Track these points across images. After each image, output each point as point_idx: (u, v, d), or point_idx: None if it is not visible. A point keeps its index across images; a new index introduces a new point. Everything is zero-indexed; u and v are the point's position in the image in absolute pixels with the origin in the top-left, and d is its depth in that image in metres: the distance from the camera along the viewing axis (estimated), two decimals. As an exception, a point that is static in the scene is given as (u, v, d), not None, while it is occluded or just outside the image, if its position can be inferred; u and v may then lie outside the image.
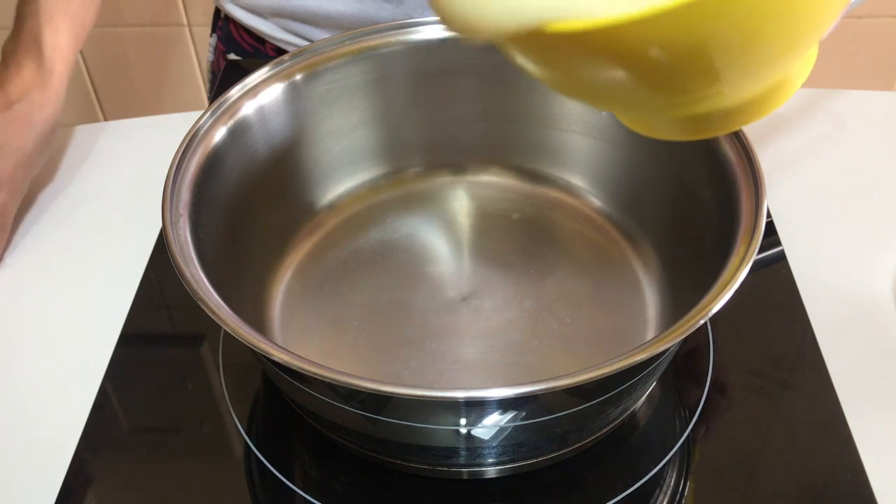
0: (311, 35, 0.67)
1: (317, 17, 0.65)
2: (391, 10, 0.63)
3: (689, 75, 0.28)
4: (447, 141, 0.53)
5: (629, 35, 0.25)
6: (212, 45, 0.77)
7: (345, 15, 0.64)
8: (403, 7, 0.63)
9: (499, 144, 0.53)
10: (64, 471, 0.41)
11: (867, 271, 0.51)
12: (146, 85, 1.24)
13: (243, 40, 0.72)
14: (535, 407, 0.34)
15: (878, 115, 0.64)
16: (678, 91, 0.29)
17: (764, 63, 0.29)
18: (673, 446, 0.41)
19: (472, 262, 0.49)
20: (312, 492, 0.40)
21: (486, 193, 0.53)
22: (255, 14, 0.69)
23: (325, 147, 0.50)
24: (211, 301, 0.34)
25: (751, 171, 0.39)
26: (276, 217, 0.49)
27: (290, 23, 0.67)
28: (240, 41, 0.72)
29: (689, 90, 0.29)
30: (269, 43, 0.70)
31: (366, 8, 0.63)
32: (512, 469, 0.39)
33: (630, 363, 0.31)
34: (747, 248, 0.35)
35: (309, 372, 0.31)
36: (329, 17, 0.64)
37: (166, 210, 0.38)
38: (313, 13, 0.65)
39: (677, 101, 0.30)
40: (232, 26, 0.73)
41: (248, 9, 0.69)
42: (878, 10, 1.04)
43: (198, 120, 0.42)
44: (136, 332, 0.48)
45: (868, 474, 0.40)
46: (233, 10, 0.70)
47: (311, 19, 0.65)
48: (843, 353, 0.45)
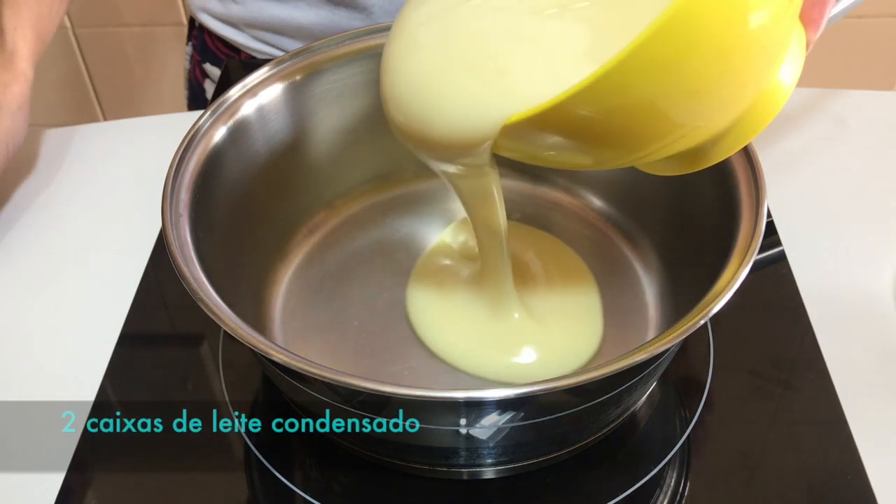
0: (284, 45, 0.67)
1: (290, 27, 0.65)
2: (363, 20, 0.64)
3: (649, 127, 0.29)
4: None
5: (569, 109, 0.28)
6: (188, 54, 0.77)
7: (317, 25, 0.64)
8: (373, 17, 0.64)
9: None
10: (64, 471, 0.41)
11: (867, 271, 0.51)
12: (146, 85, 1.24)
13: (218, 50, 0.72)
14: (535, 407, 0.34)
15: (879, 115, 0.64)
16: (651, 140, 0.30)
17: (713, 105, 0.29)
18: (673, 446, 0.41)
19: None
20: (312, 492, 0.40)
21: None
22: (228, 24, 0.69)
23: (324, 147, 0.50)
24: (211, 301, 0.34)
25: (751, 171, 0.39)
26: (276, 217, 0.49)
27: (264, 33, 0.67)
28: (215, 51, 0.73)
29: (659, 138, 0.30)
30: (244, 52, 0.70)
31: (338, 18, 0.64)
32: (512, 469, 0.39)
33: (630, 363, 0.31)
34: (747, 248, 0.35)
35: (309, 372, 0.31)
36: (301, 27, 0.65)
37: (166, 210, 0.38)
38: (286, 24, 0.65)
39: (658, 146, 0.31)
40: (206, 36, 0.73)
41: (221, 19, 0.69)
42: (878, 10, 1.04)
43: (198, 120, 0.42)
44: (136, 332, 0.48)
45: (868, 474, 0.40)
46: (207, 20, 0.70)
47: (285, 30, 0.66)
48: (843, 353, 0.45)
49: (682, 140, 0.30)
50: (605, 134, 0.30)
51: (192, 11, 0.73)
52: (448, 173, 0.38)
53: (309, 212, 0.51)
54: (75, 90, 1.23)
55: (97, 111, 1.27)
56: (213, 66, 0.73)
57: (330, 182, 0.52)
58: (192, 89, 0.78)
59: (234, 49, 0.71)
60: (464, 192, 0.40)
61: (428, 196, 0.53)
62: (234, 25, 0.69)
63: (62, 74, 1.21)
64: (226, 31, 0.69)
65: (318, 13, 0.64)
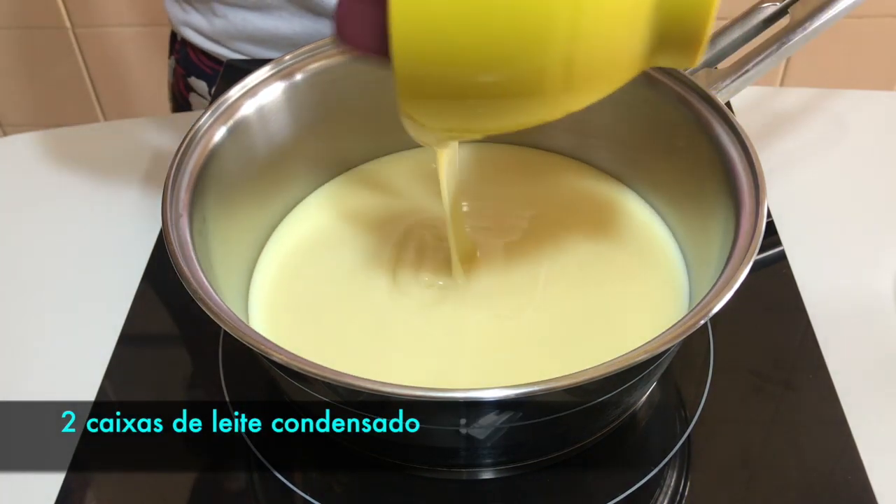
0: (267, 57, 0.67)
1: (274, 38, 0.66)
2: None
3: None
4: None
5: None
6: (170, 68, 0.77)
7: (301, 35, 0.64)
8: None
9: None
10: (64, 471, 0.41)
11: (868, 271, 0.51)
12: (146, 85, 1.24)
13: (202, 63, 0.72)
14: (535, 407, 0.34)
15: (879, 115, 0.64)
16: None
17: None
18: (673, 446, 0.41)
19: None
20: (312, 492, 0.40)
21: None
22: (211, 39, 0.69)
23: (324, 146, 0.50)
24: (211, 301, 0.34)
25: (751, 171, 0.39)
26: (276, 216, 0.49)
27: (247, 46, 0.67)
28: (198, 63, 0.72)
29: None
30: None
31: (322, 27, 0.64)
32: (512, 469, 0.39)
33: (630, 363, 0.31)
34: (747, 248, 0.35)
35: (309, 372, 0.31)
36: (285, 37, 0.65)
37: (166, 210, 0.38)
38: (270, 34, 0.65)
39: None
40: (189, 49, 0.72)
41: (204, 34, 0.69)
42: (878, 10, 1.04)
43: (198, 120, 0.42)
44: (136, 332, 0.48)
45: (868, 474, 0.40)
46: (190, 34, 0.70)
47: (268, 41, 0.66)
48: (844, 353, 0.45)
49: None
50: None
51: (174, 26, 0.72)
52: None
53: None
54: (75, 90, 1.23)
55: (97, 111, 1.27)
56: (198, 80, 0.73)
57: (330, 181, 0.52)
58: (175, 101, 0.78)
59: (217, 62, 0.71)
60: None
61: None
62: (217, 40, 0.69)
63: (62, 74, 1.21)
64: (208, 44, 0.69)
65: (302, 22, 0.64)
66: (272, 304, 0.45)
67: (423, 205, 0.50)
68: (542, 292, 0.45)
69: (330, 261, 0.47)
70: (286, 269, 0.47)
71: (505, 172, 0.53)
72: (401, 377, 0.31)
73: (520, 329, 0.43)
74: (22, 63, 1.20)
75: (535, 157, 0.53)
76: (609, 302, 0.44)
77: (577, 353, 0.41)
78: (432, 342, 0.43)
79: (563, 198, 0.51)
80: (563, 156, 0.53)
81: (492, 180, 0.52)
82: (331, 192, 0.52)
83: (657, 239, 0.47)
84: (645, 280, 0.45)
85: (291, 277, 0.46)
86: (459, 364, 0.42)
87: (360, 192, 0.52)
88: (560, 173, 0.52)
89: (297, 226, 0.50)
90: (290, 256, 0.48)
